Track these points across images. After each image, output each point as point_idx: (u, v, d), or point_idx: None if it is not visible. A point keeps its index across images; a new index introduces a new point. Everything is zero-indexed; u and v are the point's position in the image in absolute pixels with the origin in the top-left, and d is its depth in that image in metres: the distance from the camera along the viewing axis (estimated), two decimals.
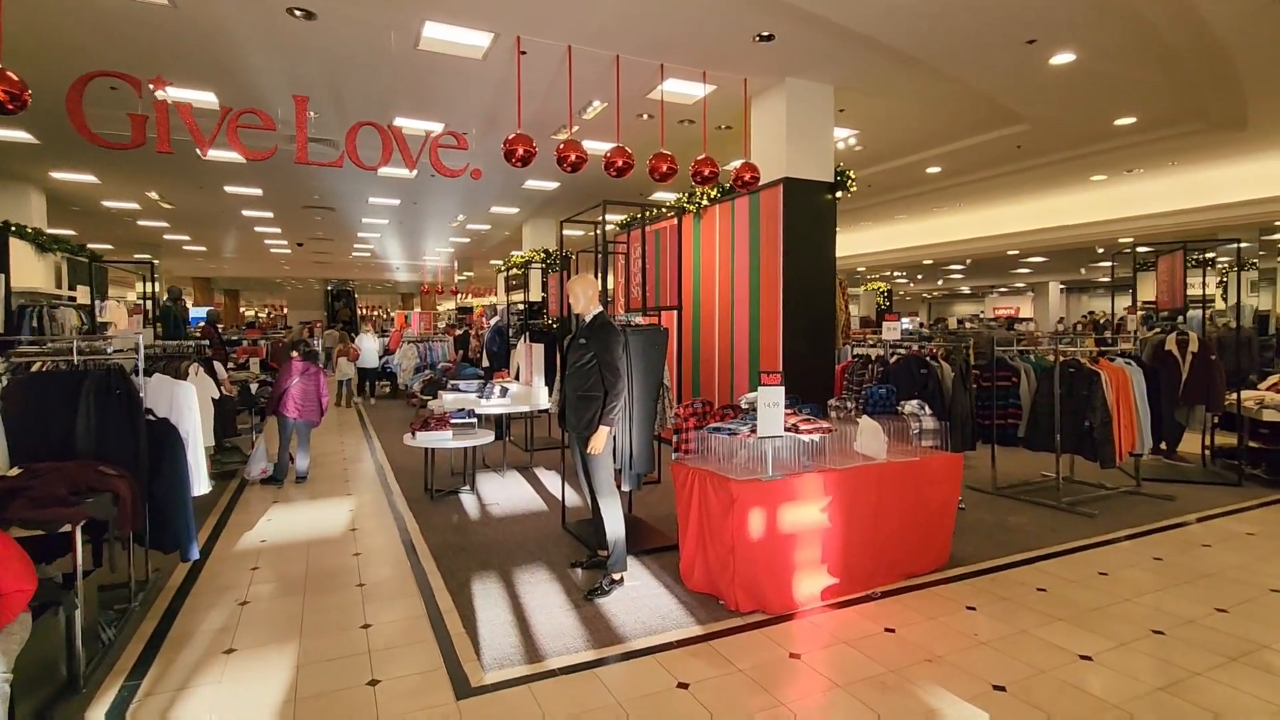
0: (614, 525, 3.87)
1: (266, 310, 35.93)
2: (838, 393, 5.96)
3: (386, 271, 27.77)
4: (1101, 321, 22.86)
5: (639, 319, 4.55)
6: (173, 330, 9.58)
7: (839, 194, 6.62)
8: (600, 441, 3.76)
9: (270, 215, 13.88)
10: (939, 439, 4.36)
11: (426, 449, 5.96)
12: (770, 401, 3.59)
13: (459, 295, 28.79)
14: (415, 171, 5.05)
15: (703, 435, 3.91)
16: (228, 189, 11.19)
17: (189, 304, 25.03)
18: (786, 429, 3.73)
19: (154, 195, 11.77)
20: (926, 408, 4.37)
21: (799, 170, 6.46)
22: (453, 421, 6.06)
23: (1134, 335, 6.74)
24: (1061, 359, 5.60)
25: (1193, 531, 5.03)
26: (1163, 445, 6.65)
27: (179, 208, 12.98)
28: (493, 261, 20.56)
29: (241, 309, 37.22)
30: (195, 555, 3.82)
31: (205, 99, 6.71)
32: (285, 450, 6.61)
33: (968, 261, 19.03)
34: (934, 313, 35.14)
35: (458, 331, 14.43)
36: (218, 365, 6.45)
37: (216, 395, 5.27)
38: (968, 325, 18.03)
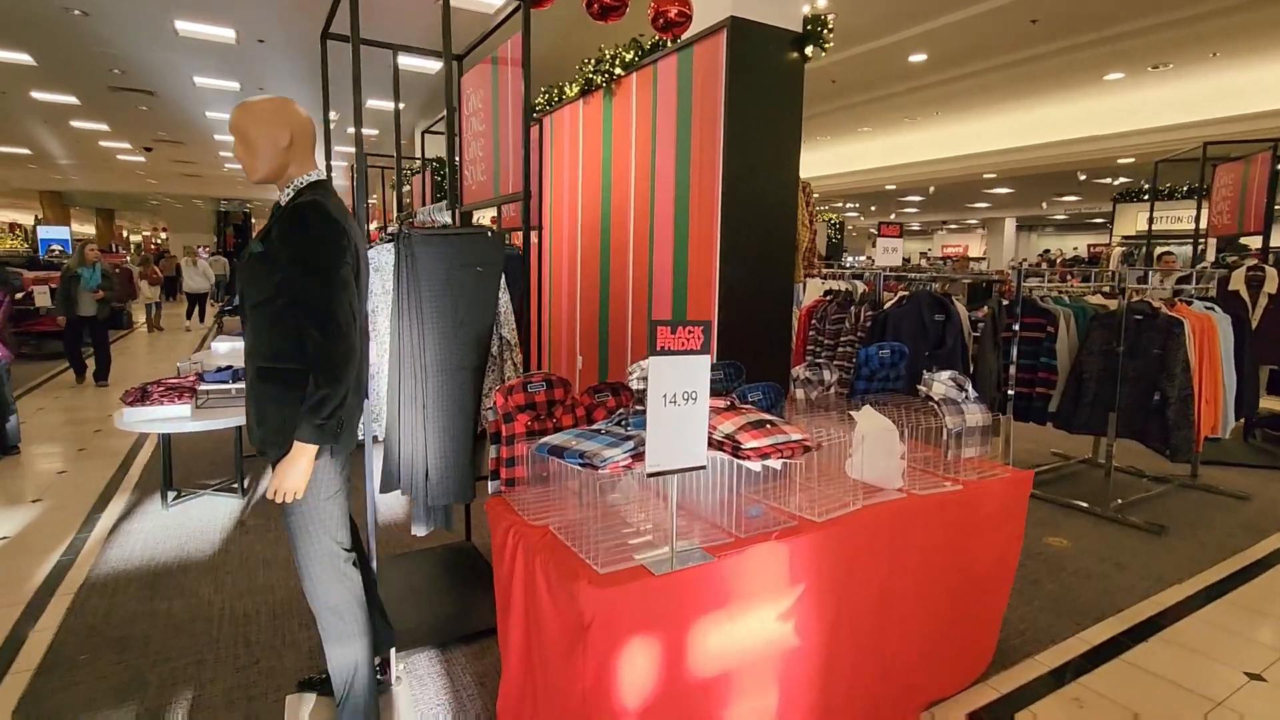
0: (340, 652, 1.80)
1: (164, 234, 31.94)
2: (799, 350, 3.91)
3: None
4: (1057, 260, 21.70)
5: (444, 216, 2.38)
6: None
7: (810, 51, 4.44)
8: (295, 476, 1.66)
9: (75, 101, 10.71)
10: (985, 442, 2.42)
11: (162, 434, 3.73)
12: (676, 392, 1.54)
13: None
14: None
15: (538, 457, 1.85)
16: None
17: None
18: (716, 443, 1.72)
19: None
20: (969, 386, 2.41)
21: (751, 9, 4.21)
22: (203, 387, 3.82)
23: (1195, 271, 4.92)
24: (1131, 300, 3.75)
25: None
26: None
27: None
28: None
29: (125, 233, 32.87)
30: None
31: None
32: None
33: (931, 190, 17.21)
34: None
35: None
36: None
37: None
38: (925, 263, 16.34)
